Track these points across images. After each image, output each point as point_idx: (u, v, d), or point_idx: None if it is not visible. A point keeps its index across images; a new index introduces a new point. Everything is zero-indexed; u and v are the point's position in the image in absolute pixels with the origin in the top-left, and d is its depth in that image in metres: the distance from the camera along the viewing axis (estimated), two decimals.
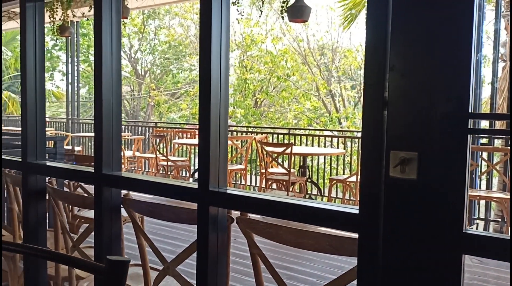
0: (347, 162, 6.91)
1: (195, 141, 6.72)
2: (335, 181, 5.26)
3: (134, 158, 7.45)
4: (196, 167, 7.07)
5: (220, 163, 1.33)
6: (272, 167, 5.50)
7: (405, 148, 0.99)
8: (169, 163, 6.20)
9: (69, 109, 10.23)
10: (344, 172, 6.76)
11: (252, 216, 1.41)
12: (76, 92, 10.40)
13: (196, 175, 6.80)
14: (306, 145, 6.70)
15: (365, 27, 1.06)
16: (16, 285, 2.37)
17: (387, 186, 1.02)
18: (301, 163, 5.66)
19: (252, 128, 10.69)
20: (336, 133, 9.92)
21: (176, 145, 7.35)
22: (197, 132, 7.74)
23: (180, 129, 8.67)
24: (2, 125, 10.31)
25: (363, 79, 1.06)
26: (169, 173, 6.28)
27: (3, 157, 2.15)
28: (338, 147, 6.87)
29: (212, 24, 1.29)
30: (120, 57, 1.62)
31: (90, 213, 3.08)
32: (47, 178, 2.02)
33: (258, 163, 6.00)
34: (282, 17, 4.79)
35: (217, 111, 1.32)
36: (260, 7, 5.00)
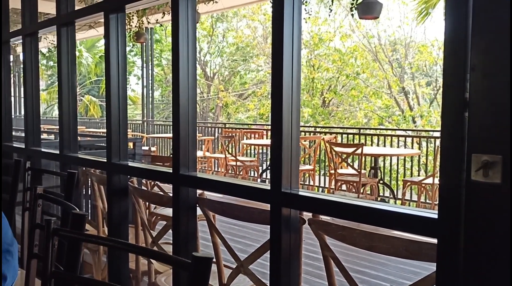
0: (422, 163, 6.59)
1: (263, 141, 6.79)
2: (409, 183, 5.06)
3: (204, 158, 7.70)
4: (264, 167, 7.15)
5: (292, 165, 1.34)
6: (341, 168, 5.42)
7: (488, 151, 0.94)
8: (238, 163, 6.33)
9: (144, 111, 10.78)
10: (419, 173, 6.45)
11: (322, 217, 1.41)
12: (150, 95, 10.96)
13: (264, 175, 6.88)
14: (378, 145, 6.50)
15: (444, 25, 1.02)
16: (100, 276, 2.56)
17: (468, 190, 0.97)
18: (373, 164, 5.52)
19: (320, 128, 10.58)
20: (410, 133, 9.49)
21: (245, 146, 7.48)
22: (264, 132, 7.84)
23: (248, 130, 8.81)
24: (84, 127, 11.11)
25: (440, 78, 1.03)
26: (238, 173, 6.42)
27: (90, 158, 2.33)
28: (412, 147, 6.58)
29: (284, 27, 1.31)
30: (195, 62, 1.69)
31: (165, 211, 3.24)
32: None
33: (326, 164, 5.94)
34: (352, 15, 4.70)
35: (289, 113, 1.33)
36: (330, 5, 4.95)
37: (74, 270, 0.84)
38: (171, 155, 7.59)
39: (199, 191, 1.74)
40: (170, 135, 9.91)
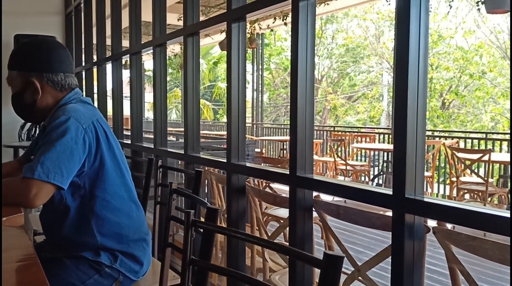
0: None
1: (376, 145, 6.57)
2: None
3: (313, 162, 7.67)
4: (376, 172, 6.91)
5: (417, 169, 1.29)
6: (464, 175, 5.00)
7: None
8: (348, 167, 6.21)
9: (253, 115, 11.15)
10: None
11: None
12: (260, 98, 11.30)
13: (376, 180, 6.65)
14: (508, 151, 5.86)
15: None
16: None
17: None
18: (502, 172, 4.99)
19: (438, 131, 9.88)
20: None
21: (355, 149, 7.31)
22: (377, 136, 7.58)
23: (359, 133, 8.59)
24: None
25: None
26: (347, 177, 6.30)
27: (211, 157, 2.49)
28: None
29: (411, 25, 1.26)
30: (313, 66, 1.71)
31: (276, 212, 3.32)
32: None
33: (447, 171, 5.52)
34: (478, 9, 4.32)
35: (414, 115, 1.28)
36: (450, 1, 4.61)
37: (208, 258, 0.92)
38: (279, 157, 7.73)
39: (314, 193, 1.75)
40: (278, 137, 10.10)
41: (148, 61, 12.59)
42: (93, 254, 1.52)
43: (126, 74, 4.16)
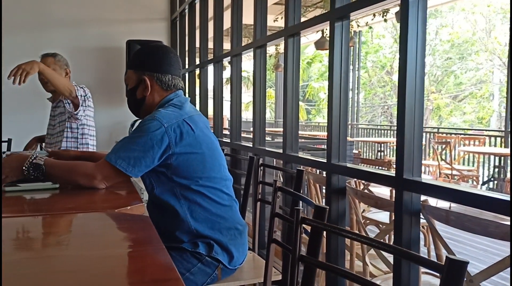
0: None
1: (486, 149, 6.04)
2: None
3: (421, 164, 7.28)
4: (485, 178, 6.34)
5: None
6: None
7: None
8: (454, 171, 5.79)
9: (349, 115, 10.92)
10: None
11: None
12: (356, 98, 11.01)
13: (485, 186, 6.13)
14: None
15: None
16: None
17: None
18: None
19: None
20: None
21: (462, 153, 6.78)
22: (487, 139, 6.95)
23: (465, 136, 7.95)
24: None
25: None
26: (452, 181, 5.88)
27: (310, 157, 2.49)
28: None
29: None
30: (423, 64, 1.62)
31: (374, 215, 3.21)
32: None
33: None
34: None
35: None
36: None
37: (316, 255, 0.92)
38: (376, 159, 7.45)
39: (422, 198, 1.67)
40: (375, 139, 9.72)
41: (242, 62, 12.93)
42: (192, 245, 1.61)
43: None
